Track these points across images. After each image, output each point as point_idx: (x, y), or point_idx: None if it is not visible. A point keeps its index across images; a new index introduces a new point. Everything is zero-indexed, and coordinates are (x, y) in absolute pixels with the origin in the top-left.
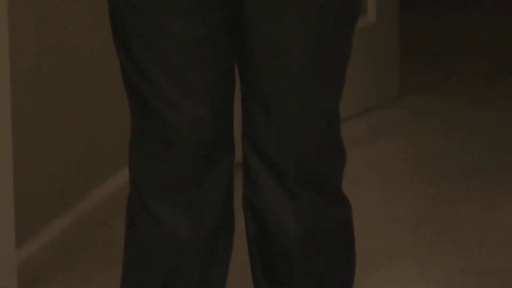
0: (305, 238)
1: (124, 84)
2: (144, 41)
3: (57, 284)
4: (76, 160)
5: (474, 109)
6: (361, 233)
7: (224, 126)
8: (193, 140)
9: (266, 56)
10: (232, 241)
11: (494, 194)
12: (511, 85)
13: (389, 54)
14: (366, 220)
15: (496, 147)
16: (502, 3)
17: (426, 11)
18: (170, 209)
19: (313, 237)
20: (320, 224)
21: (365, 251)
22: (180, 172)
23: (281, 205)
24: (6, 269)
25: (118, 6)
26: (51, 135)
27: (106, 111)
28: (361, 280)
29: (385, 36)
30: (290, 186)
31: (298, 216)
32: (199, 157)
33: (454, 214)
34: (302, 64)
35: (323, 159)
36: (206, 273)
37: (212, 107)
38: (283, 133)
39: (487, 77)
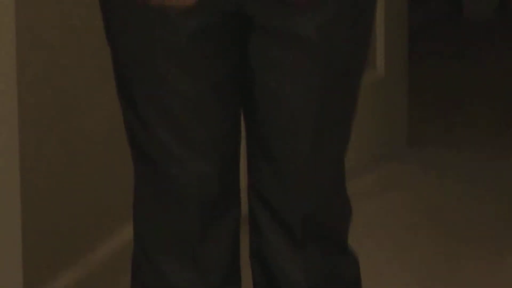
0: None
1: (127, 138)
2: (149, 97)
3: None
4: (83, 214)
5: (483, 161)
6: (370, 286)
7: (230, 180)
8: (199, 195)
9: (272, 111)
10: None
11: (503, 247)
12: None
13: (398, 107)
14: (375, 272)
15: (505, 199)
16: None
17: (434, 61)
18: (175, 264)
19: None
20: (328, 278)
21: None
22: (186, 227)
23: (289, 258)
24: None
25: (123, 63)
26: (58, 188)
27: (113, 165)
28: None
29: (394, 90)
30: (297, 239)
31: (306, 270)
32: (205, 212)
33: (464, 266)
34: (309, 118)
35: (330, 213)
36: None
37: (218, 162)
38: (290, 187)
39: (496, 129)
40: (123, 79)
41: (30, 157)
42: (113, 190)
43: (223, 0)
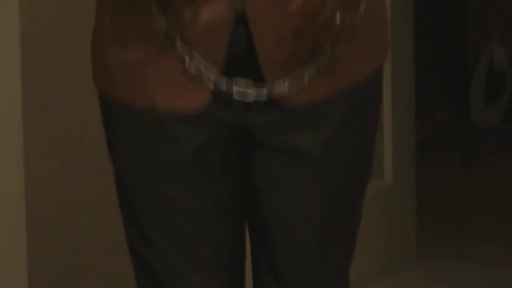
0: None
1: (129, 252)
2: (151, 212)
3: None
4: None
5: (492, 273)
6: None
7: None
8: None
9: (277, 228)
10: None
11: None
12: None
13: (406, 216)
14: None
15: None
16: None
17: (442, 169)
18: None
19: None
20: None
21: None
22: None
23: None
24: None
25: (124, 178)
26: None
27: (116, 277)
28: None
29: (402, 198)
30: None
31: None
32: None
33: None
34: (313, 235)
35: None
36: None
37: (222, 279)
38: None
39: (506, 240)
40: (124, 194)
41: (38, 277)
42: None
43: (227, 113)
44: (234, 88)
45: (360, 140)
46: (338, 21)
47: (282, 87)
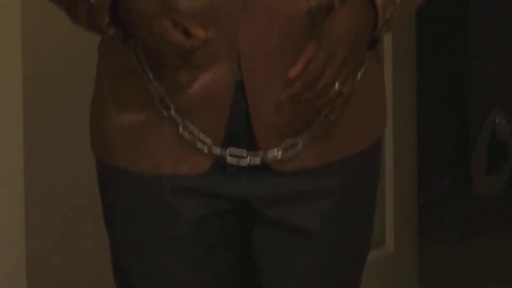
0: None
1: None
2: (146, 284)
3: None
4: None
5: None
6: None
7: None
8: None
9: None
10: None
11: None
12: None
13: (407, 285)
14: None
15: None
16: None
17: (444, 237)
18: None
19: None
20: None
21: None
22: None
23: None
24: None
25: (120, 250)
26: None
27: None
28: None
29: (404, 266)
30: None
31: None
32: None
33: None
34: None
35: None
36: None
37: None
38: None
39: None
40: (120, 266)
41: None
42: None
43: (225, 183)
44: (228, 157)
45: (359, 212)
46: (337, 88)
47: (276, 154)
